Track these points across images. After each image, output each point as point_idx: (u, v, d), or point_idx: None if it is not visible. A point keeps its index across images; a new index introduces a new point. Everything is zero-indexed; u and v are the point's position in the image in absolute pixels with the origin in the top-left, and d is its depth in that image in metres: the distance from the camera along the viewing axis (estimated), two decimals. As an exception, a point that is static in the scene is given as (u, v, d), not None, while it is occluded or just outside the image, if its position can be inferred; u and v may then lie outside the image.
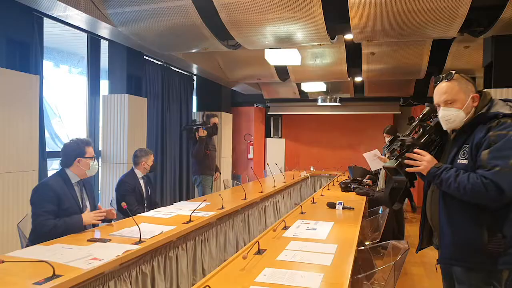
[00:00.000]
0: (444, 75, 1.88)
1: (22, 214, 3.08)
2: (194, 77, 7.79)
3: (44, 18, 4.27)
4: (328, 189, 5.43)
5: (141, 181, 3.83)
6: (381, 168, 5.11)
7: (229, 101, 8.98)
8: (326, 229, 2.93)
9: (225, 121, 8.29)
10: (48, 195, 2.62)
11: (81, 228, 2.67)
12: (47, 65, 6.21)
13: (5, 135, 3.60)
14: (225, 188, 6.20)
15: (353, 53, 6.15)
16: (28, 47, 4.00)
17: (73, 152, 2.82)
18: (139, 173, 3.83)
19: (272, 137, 10.26)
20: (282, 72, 7.14)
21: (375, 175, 6.02)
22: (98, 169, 3.08)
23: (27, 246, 2.58)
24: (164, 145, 6.62)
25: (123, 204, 2.59)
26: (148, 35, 4.61)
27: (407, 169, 1.89)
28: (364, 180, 6.00)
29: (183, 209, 3.49)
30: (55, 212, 2.61)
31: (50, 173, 4.51)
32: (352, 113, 9.38)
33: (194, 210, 3.21)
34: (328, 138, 9.82)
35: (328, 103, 8.92)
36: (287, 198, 6.18)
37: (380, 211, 3.92)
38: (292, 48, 4.84)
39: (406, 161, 1.88)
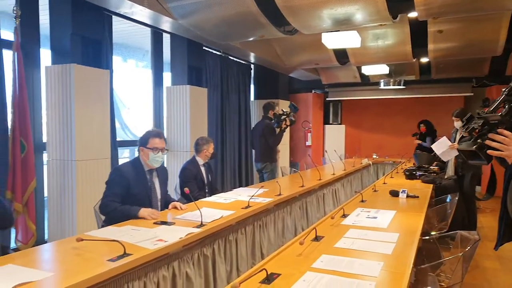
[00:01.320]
0: None
1: (98, 198, 3.35)
2: (252, 66, 7.85)
3: (113, 16, 4.55)
4: (392, 177, 5.24)
5: (202, 168, 3.98)
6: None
7: (287, 88, 8.94)
8: (387, 218, 2.84)
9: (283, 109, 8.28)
10: (118, 179, 2.80)
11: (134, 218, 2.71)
12: (116, 60, 6.61)
13: (81, 126, 3.92)
14: (282, 176, 6.23)
15: (418, 32, 5.80)
16: (100, 44, 4.30)
17: (140, 140, 2.98)
18: (200, 161, 3.98)
19: (331, 124, 10.05)
20: (342, 55, 6.95)
21: (443, 162, 5.68)
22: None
23: (102, 227, 2.82)
24: (224, 133, 6.79)
25: (186, 190, 2.71)
26: (206, 26, 4.72)
27: (488, 152, 1.53)
28: (431, 167, 5.70)
29: (242, 195, 3.58)
30: (123, 196, 2.78)
31: (121, 161, 4.86)
32: (418, 96, 8.88)
33: (252, 196, 3.28)
34: (392, 124, 9.41)
35: (391, 87, 8.52)
36: (347, 186, 6.06)
37: (448, 200, 3.72)
38: (351, 30, 4.68)
39: (487, 142, 1.52)
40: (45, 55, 4.16)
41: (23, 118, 3.55)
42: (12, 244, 3.64)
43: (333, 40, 4.92)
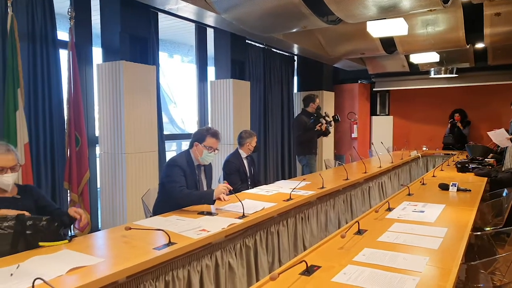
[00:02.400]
0: None
1: (146, 189, 3.50)
2: (295, 57, 7.78)
3: (159, 13, 4.70)
4: (442, 170, 5.00)
5: (245, 161, 4.02)
6: (507, 146, 4.50)
7: (331, 79, 8.77)
8: (435, 212, 2.73)
9: (327, 100, 8.14)
10: (177, 169, 2.87)
11: (211, 202, 2.78)
12: (162, 56, 6.84)
13: (130, 120, 4.10)
14: (326, 168, 6.15)
15: (472, 16, 5.44)
16: (146, 41, 4.46)
17: (196, 136, 3.02)
18: (243, 154, 4.02)
19: (378, 115, 9.74)
20: (389, 44, 6.68)
21: (500, 153, 5.34)
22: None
23: (150, 216, 2.94)
24: (267, 126, 6.81)
25: (225, 182, 2.78)
26: (249, 19, 4.73)
27: None
28: (485, 159, 5.37)
29: (283, 187, 3.58)
30: (185, 183, 2.85)
31: (168, 154, 5.03)
32: (472, 84, 8.36)
33: (294, 188, 3.28)
34: (443, 114, 8.93)
35: (442, 75, 8.08)
36: (395, 180, 5.87)
37: (504, 194, 3.50)
38: (397, 18, 4.49)
39: None
40: (97, 53, 4.39)
41: (77, 114, 3.77)
42: (70, 232, 3.90)
43: (378, 29, 4.75)
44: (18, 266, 1.66)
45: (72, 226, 3.81)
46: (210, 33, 5.72)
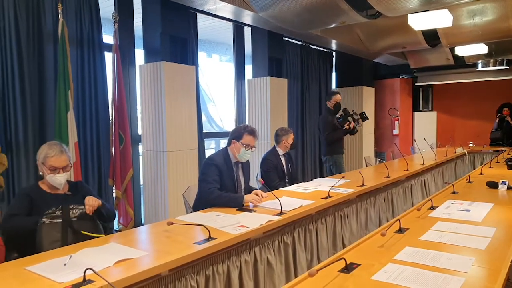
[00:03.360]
0: None
1: (186, 185, 3.59)
2: (333, 53, 7.67)
3: (198, 14, 4.80)
4: (490, 167, 4.75)
5: (283, 159, 4.02)
6: None
7: (371, 74, 8.57)
8: (482, 211, 2.60)
9: (366, 96, 7.97)
10: (213, 168, 2.93)
11: (240, 206, 2.81)
12: (201, 56, 6.98)
13: (171, 119, 4.23)
14: (366, 166, 6.02)
15: (524, 5, 5.13)
16: (186, 42, 4.57)
17: (234, 134, 3.06)
18: (280, 151, 4.03)
19: (421, 110, 9.39)
20: (432, 37, 6.43)
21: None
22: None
23: (191, 212, 3.03)
24: (304, 123, 6.77)
25: (261, 180, 2.79)
26: (286, 16, 4.73)
27: None
28: (540, 156, 5.05)
29: (322, 185, 3.56)
30: (219, 183, 2.91)
31: (207, 152, 5.13)
32: (524, 77, 7.87)
33: (333, 186, 3.24)
34: (490, 109, 8.45)
35: (491, 68, 7.66)
36: (438, 178, 5.65)
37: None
38: (440, 9, 4.32)
39: None
40: (139, 55, 4.56)
41: (121, 113, 3.94)
42: (116, 227, 4.09)
43: (421, 21, 4.58)
44: (71, 257, 1.77)
45: (116, 221, 4.01)
46: (247, 31, 5.77)
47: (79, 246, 1.99)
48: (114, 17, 3.96)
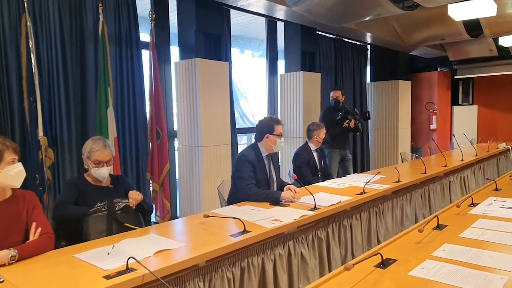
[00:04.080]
0: None
1: (220, 179, 3.66)
2: (368, 46, 7.52)
3: (231, 10, 4.85)
4: (536, 163, 4.53)
5: (315, 154, 4.01)
6: None
7: (407, 68, 8.32)
8: (527, 209, 2.49)
9: (403, 90, 7.75)
10: (247, 164, 2.98)
11: (277, 202, 2.82)
12: (234, 52, 7.02)
13: (206, 115, 4.31)
14: (402, 162, 5.88)
15: None
16: (220, 38, 4.62)
17: (264, 128, 3.10)
18: (312, 146, 4.01)
19: (460, 104, 9.02)
20: (473, 27, 6.16)
21: None
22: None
23: (225, 206, 3.08)
24: (338, 118, 6.67)
25: (294, 175, 2.82)
26: (319, 10, 4.68)
27: None
28: None
29: (356, 180, 3.52)
30: (254, 178, 2.96)
31: (240, 147, 5.18)
32: None
33: (368, 182, 3.20)
34: (538, 102, 8.04)
35: (538, 59, 7.26)
36: (479, 174, 5.43)
37: None
38: (483, -2, 4.13)
39: None
40: (174, 52, 4.66)
41: (158, 110, 4.05)
42: (153, 219, 4.23)
43: (461, 11, 4.40)
44: (113, 247, 1.86)
45: (153, 213, 4.15)
46: (280, 26, 5.76)
47: (121, 236, 2.08)
48: (150, 16, 4.07)
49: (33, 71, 3.23)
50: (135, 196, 2.38)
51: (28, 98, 3.25)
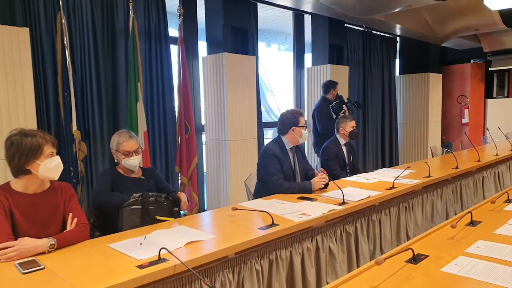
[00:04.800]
0: None
1: (247, 173, 3.69)
2: (397, 39, 7.34)
3: (258, 4, 4.84)
4: None
5: (344, 148, 3.96)
6: None
7: (438, 60, 8.07)
8: None
9: (433, 83, 7.53)
10: (272, 158, 2.99)
11: (311, 192, 2.87)
12: (261, 46, 7.02)
13: (233, 109, 4.34)
14: (432, 156, 5.73)
15: None
16: (247, 32, 4.63)
17: (289, 121, 3.09)
18: (341, 140, 3.96)
19: (495, 97, 8.67)
20: (509, 17, 5.89)
21: None
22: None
23: (252, 199, 3.11)
24: (366, 112, 6.58)
25: (322, 169, 2.80)
26: (348, 2, 4.61)
27: None
28: None
29: (385, 175, 3.46)
30: (281, 172, 2.97)
31: (266, 141, 5.19)
32: None
33: (397, 177, 3.15)
34: None
35: None
36: (515, 169, 5.23)
37: None
38: (521, -14, 3.96)
39: None
40: (202, 47, 4.71)
41: (186, 104, 4.11)
42: (182, 211, 4.31)
43: (498, 0, 4.23)
44: (145, 238, 1.92)
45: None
46: (307, 19, 5.71)
47: (152, 227, 2.14)
48: (179, 11, 4.12)
49: (68, 67, 3.34)
50: (184, 199, 2.53)
51: (63, 93, 3.37)
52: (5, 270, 1.61)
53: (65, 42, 3.33)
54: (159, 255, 1.67)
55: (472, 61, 8.38)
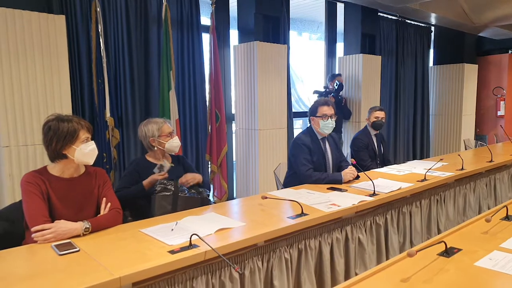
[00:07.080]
0: None
1: (276, 162, 3.71)
2: (432, 28, 7.10)
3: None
4: None
5: (374, 139, 3.91)
6: None
7: (474, 50, 7.76)
8: None
9: (468, 74, 7.25)
10: (302, 148, 3.00)
11: (340, 183, 2.86)
12: (292, 35, 6.95)
13: (263, 98, 4.34)
14: (466, 149, 5.56)
15: None
16: (278, 21, 4.60)
17: (310, 111, 3.12)
18: (371, 131, 3.91)
19: (534, 89, 8.28)
20: (555, 5, 5.60)
21: None
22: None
23: (281, 188, 3.13)
24: (398, 103, 6.44)
25: (352, 160, 2.78)
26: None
27: None
28: None
29: (417, 167, 3.40)
30: (311, 162, 2.98)
31: (296, 131, 5.18)
32: None
33: (429, 169, 3.09)
34: None
35: None
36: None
37: None
38: None
39: None
40: (233, 35, 4.71)
41: (217, 93, 4.15)
42: (211, 199, 4.39)
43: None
44: (177, 224, 1.96)
45: (211, 193, 4.30)
46: (340, 8, 5.61)
47: (183, 214, 2.19)
48: (211, -1, 4.14)
49: (102, 54, 3.44)
50: (188, 178, 2.55)
51: (97, 80, 3.47)
52: (43, 251, 1.68)
53: (99, 30, 3.41)
54: (190, 241, 1.69)
55: (510, 51, 8.00)
